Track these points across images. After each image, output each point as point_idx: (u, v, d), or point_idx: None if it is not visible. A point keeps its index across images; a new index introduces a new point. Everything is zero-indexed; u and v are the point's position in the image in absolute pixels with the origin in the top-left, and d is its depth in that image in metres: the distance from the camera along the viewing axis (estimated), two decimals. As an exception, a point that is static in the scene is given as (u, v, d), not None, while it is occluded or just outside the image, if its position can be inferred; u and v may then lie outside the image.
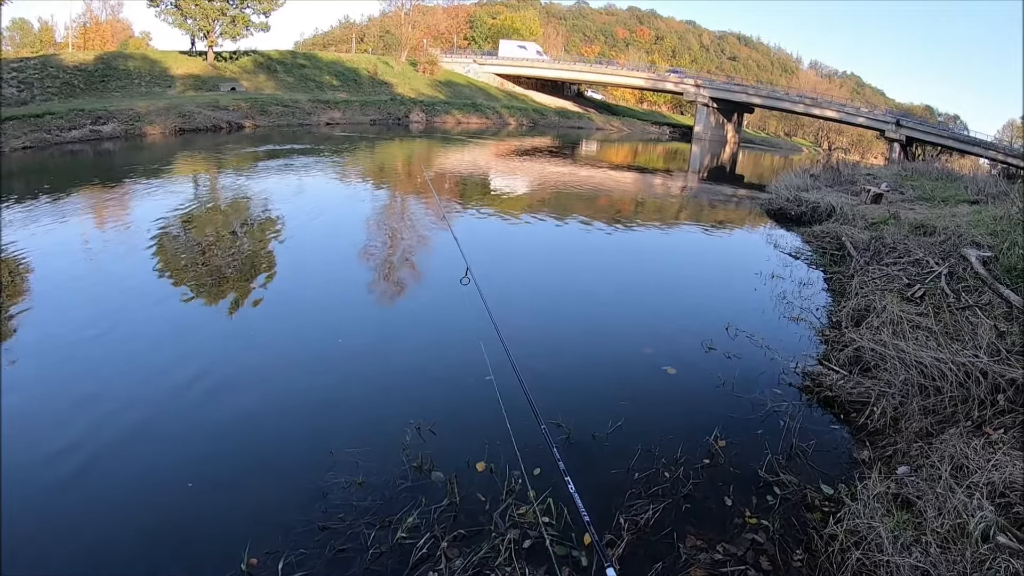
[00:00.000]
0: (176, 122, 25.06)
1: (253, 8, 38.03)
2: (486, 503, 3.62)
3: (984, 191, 15.56)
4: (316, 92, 39.61)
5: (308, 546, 3.27)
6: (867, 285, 7.74)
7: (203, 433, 4.32)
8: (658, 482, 3.93)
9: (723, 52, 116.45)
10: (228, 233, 9.94)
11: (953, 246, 8.57)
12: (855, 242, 10.31)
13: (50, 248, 8.48)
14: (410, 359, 5.65)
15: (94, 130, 21.80)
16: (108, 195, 12.64)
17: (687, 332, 6.74)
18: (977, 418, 4.38)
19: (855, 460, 4.34)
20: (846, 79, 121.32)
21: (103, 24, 59.29)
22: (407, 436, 4.26)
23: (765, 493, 3.90)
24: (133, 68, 32.62)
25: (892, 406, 4.73)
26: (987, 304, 6.39)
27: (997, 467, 3.61)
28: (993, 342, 5.25)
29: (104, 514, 3.53)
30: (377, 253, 9.47)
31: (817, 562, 3.29)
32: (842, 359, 5.71)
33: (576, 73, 62.20)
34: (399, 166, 21.76)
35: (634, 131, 60.98)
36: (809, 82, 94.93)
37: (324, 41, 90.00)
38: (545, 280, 8.44)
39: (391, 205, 13.53)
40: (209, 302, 6.83)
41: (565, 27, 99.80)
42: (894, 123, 46.90)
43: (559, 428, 4.42)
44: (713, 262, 10.52)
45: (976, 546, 3.01)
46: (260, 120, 29.75)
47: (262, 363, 5.43)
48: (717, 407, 4.99)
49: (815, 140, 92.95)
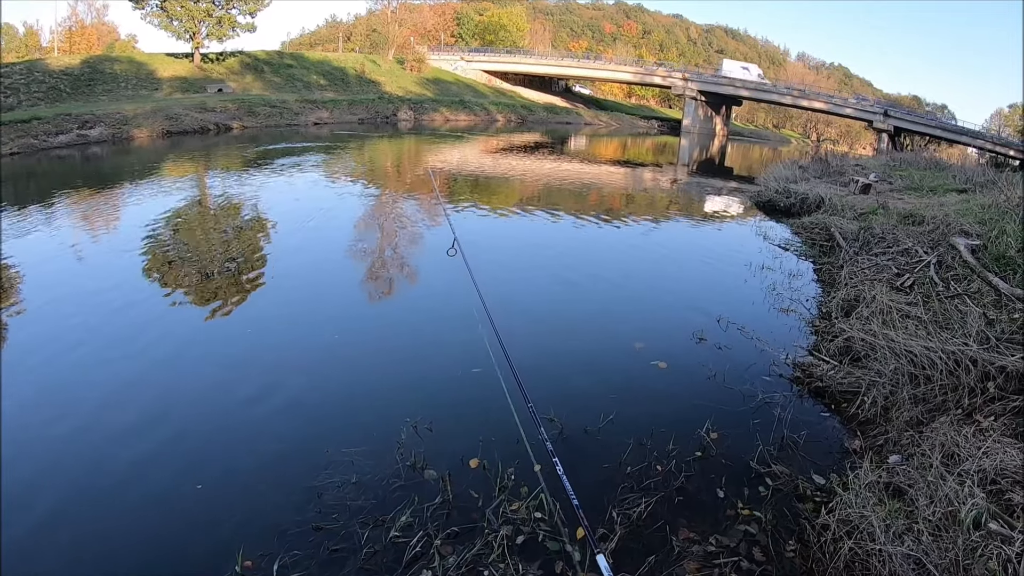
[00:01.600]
0: (164, 125, 24.86)
1: (239, 9, 37.80)
2: (479, 500, 3.62)
3: (972, 180, 15.69)
4: (304, 92, 39.42)
5: (302, 547, 3.25)
6: (856, 275, 7.77)
7: (195, 435, 4.29)
8: (650, 475, 3.94)
9: (711, 45, 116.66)
10: (218, 234, 9.88)
11: (942, 235, 8.62)
12: (844, 233, 10.35)
13: (39, 253, 8.41)
14: (402, 356, 5.64)
15: (81, 134, 21.60)
16: (96, 200, 12.54)
17: (678, 325, 6.75)
18: (967, 406, 4.41)
19: (846, 450, 4.36)
20: (834, 70, 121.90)
21: (89, 27, 58.88)
22: (401, 434, 4.25)
23: (757, 484, 3.91)
24: (119, 71, 32.36)
25: (883, 395, 4.75)
26: (976, 292, 6.44)
27: (988, 454, 3.63)
28: (982, 330, 5.28)
29: (96, 516, 3.50)
30: (368, 251, 9.43)
31: (810, 552, 3.31)
32: (832, 349, 5.73)
33: (564, 68, 62.21)
34: (388, 164, 21.69)
35: (623, 126, 61.03)
36: (797, 74, 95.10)
37: (311, 40, 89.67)
38: (536, 276, 8.42)
39: (380, 202, 13.47)
40: (198, 303, 6.78)
41: (552, 23, 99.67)
42: (882, 113, 47.19)
43: (552, 423, 4.41)
44: (703, 255, 10.53)
45: (968, 533, 3.03)
46: (248, 121, 29.56)
47: (254, 363, 5.40)
48: (708, 399, 4.99)
49: (804, 132, 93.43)
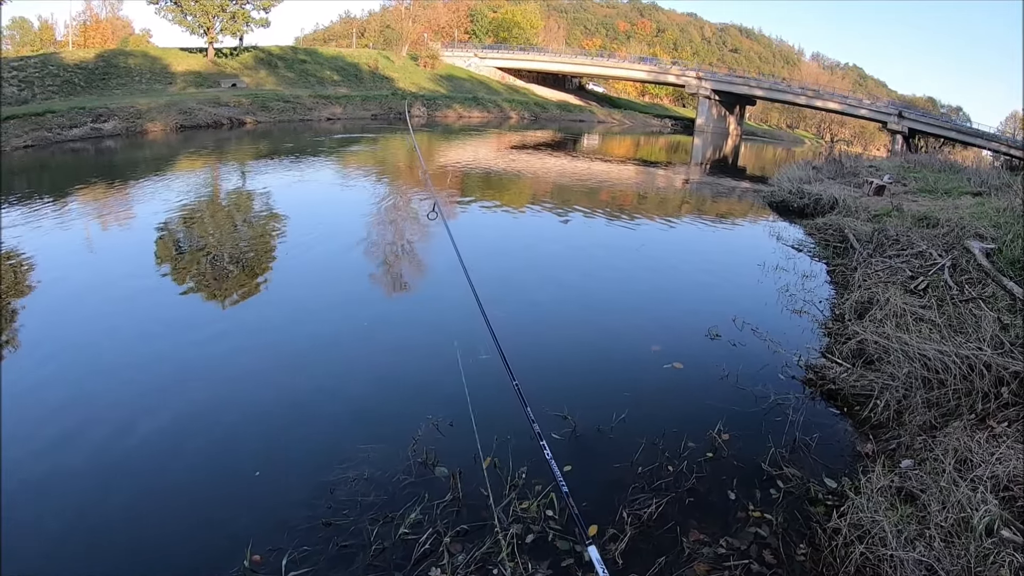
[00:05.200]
0: (177, 119, 25.04)
1: (253, 4, 37.98)
2: (489, 498, 3.62)
3: (987, 183, 15.52)
4: (317, 88, 39.57)
5: (311, 542, 3.27)
6: (870, 277, 7.71)
7: (209, 430, 4.32)
8: (661, 476, 3.93)
9: (724, 44, 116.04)
10: (232, 229, 9.93)
11: (956, 238, 8.53)
12: (858, 234, 10.28)
13: (52, 246, 8.49)
14: (418, 353, 5.64)
15: (95, 128, 21.79)
16: (109, 193, 12.64)
17: (690, 325, 6.73)
18: (981, 411, 4.36)
19: (858, 453, 4.33)
20: (848, 71, 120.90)
21: (103, 22, 59.20)
22: (414, 431, 4.25)
23: (768, 487, 3.89)
24: (133, 65, 32.61)
25: (895, 399, 4.72)
26: (991, 296, 6.37)
27: (1001, 461, 3.60)
28: (997, 335, 5.23)
29: (105, 510, 3.53)
30: (383, 246, 9.46)
31: (820, 556, 3.29)
32: (845, 352, 5.69)
33: (577, 66, 62.04)
34: (400, 161, 21.72)
35: (636, 124, 60.79)
36: (811, 74, 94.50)
37: (325, 36, 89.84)
38: (550, 275, 8.41)
39: (393, 198, 13.49)
40: (213, 298, 6.83)
41: (566, 20, 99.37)
42: (896, 115, 46.76)
43: (565, 421, 4.42)
44: (716, 255, 10.50)
45: (980, 540, 3.00)
46: (261, 116, 29.70)
47: (268, 358, 5.43)
48: (720, 400, 4.97)
49: (817, 132, 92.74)
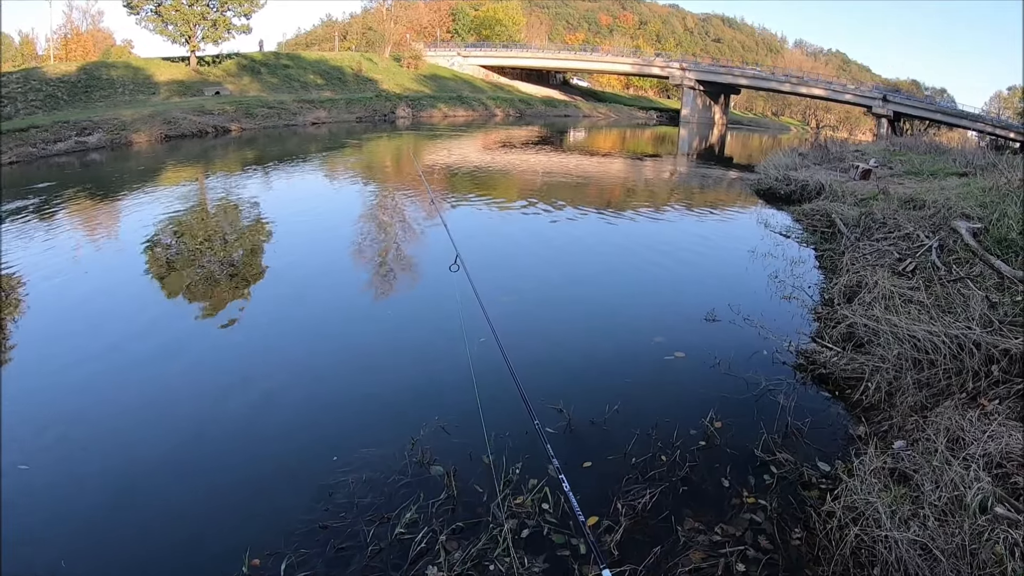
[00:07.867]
0: (162, 129, 24.86)
1: (234, 11, 37.72)
2: (484, 495, 3.62)
3: (973, 163, 15.60)
4: (301, 92, 39.37)
5: (309, 545, 3.26)
6: (858, 261, 7.74)
7: (206, 435, 4.31)
8: (655, 466, 3.94)
9: (707, 34, 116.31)
10: (220, 237, 9.89)
11: (943, 219, 8.58)
12: (845, 219, 10.32)
13: (41, 260, 8.40)
14: (410, 354, 5.64)
15: (80, 141, 21.60)
16: (96, 206, 12.56)
17: (679, 314, 6.76)
18: (972, 390, 4.39)
19: (851, 436, 4.35)
20: (832, 56, 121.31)
21: (84, 34, 58.62)
22: (409, 431, 4.24)
23: (762, 473, 3.90)
24: (116, 77, 32.32)
25: (886, 381, 4.74)
26: (978, 276, 6.40)
27: (993, 438, 3.62)
28: (985, 313, 5.26)
29: (103, 515, 3.53)
30: (374, 249, 9.44)
31: (815, 539, 3.30)
32: (835, 336, 5.72)
33: (561, 61, 62.03)
34: (388, 162, 21.67)
35: (621, 117, 60.87)
36: (795, 61, 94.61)
37: (307, 40, 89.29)
38: (538, 270, 8.41)
39: (382, 200, 13.46)
40: (205, 304, 6.80)
41: (548, 16, 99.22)
42: (881, 99, 46.96)
43: (560, 414, 4.43)
44: (704, 243, 10.51)
45: (974, 518, 3.01)
46: (246, 123, 29.55)
47: (264, 363, 5.43)
48: (712, 388, 4.99)
49: (803, 119, 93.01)
